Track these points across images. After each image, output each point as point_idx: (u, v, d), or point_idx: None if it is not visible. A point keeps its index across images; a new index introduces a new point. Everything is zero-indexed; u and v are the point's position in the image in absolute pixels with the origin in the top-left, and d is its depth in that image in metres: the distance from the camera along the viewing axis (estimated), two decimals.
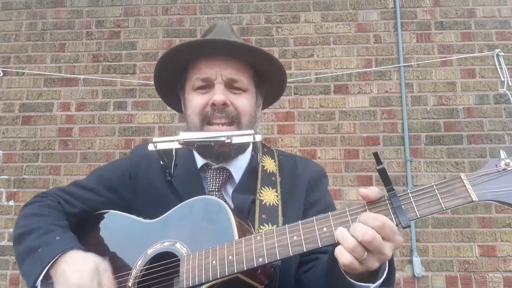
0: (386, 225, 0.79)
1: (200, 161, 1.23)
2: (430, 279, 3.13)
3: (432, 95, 3.45)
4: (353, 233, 0.79)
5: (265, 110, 1.53)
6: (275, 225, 1.09)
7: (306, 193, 1.21)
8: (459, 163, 3.31)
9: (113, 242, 1.16)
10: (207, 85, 1.17)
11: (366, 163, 3.35)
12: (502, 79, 3.38)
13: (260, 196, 1.13)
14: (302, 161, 1.31)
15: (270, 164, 1.24)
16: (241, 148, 1.20)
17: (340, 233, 0.81)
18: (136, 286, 1.03)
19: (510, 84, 3.37)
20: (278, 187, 1.17)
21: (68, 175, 3.46)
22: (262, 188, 1.15)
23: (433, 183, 0.82)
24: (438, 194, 0.80)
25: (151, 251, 1.06)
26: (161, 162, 1.20)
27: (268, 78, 1.27)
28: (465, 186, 0.79)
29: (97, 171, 1.32)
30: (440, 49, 3.53)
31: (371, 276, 0.86)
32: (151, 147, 1.13)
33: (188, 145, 1.12)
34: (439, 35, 3.55)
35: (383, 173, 0.83)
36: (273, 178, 1.19)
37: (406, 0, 3.64)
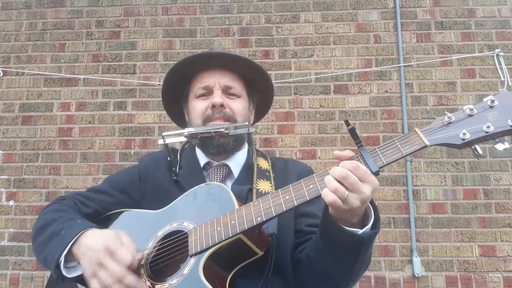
0: (359, 166, 0.93)
1: (202, 160, 1.38)
2: (430, 279, 3.13)
3: (432, 95, 3.45)
4: (332, 173, 0.94)
5: (268, 112, 1.64)
6: (268, 181, 1.29)
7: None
8: (459, 163, 3.31)
9: (125, 231, 1.21)
10: (207, 92, 1.37)
11: None
12: (502, 79, 3.38)
13: (256, 186, 1.27)
14: (292, 161, 1.48)
15: (264, 163, 1.39)
16: (238, 141, 1.36)
17: (327, 179, 0.95)
18: (148, 262, 1.12)
19: (510, 84, 3.36)
20: (272, 180, 1.32)
21: (68, 175, 3.47)
22: (258, 180, 1.29)
23: (394, 138, 0.98)
24: (399, 145, 0.97)
25: (161, 233, 1.16)
26: (168, 158, 1.37)
27: (257, 88, 1.47)
28: (419, 136, 0.96)
29: (109, 177, 1.46)
30: (440, 49, 3.53)
31: (359, 225, 1.00)
32: (160, 141, 1.33)
33: (193, 137, 1.30)
34: (439, 35, 3.55)
35: (353, 132, 0.98)
36: (267, 174, 1.34)
37: (406, 0, 3.64)
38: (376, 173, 0.95)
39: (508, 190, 3.24)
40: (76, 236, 1.08)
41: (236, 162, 1.37)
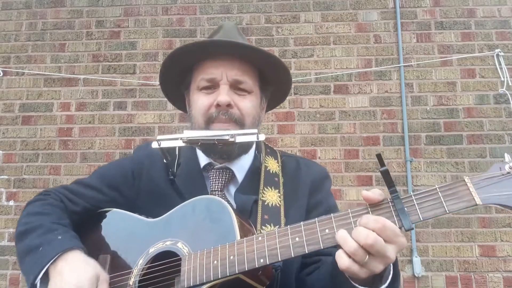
0: (387, 227, 0.78)
1: (203, 160, 1.23)
2: (430, 279, 3.13)
3: (432, 95, 3.45)
4: (355, 236, 0.78)
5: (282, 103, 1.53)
6: (277, 226, 1.09)
7: (309, 194, 1.20)
8: (459, 163, 3.31)
9: (115, 240, 1.16)
10: (212, 86, 1.17)
11: (366, 163, 3.35)
12: (502, 79, 3.38)
13: (262, 196, 1.13)
14: (305, 162, 1.30)
15: (273, 165, 1.24)
16: (245, 147, 1.20)
17: (341, 236, 0.80)
18: (137, 285, 1.04)
19: (510, 84, 3.37)
20: (281, 188, 1.17)
21: (68, 175, 3.46)
22: (265, 188, 1.15)
23: (436, 186, 0.82)
24: (441, 197, 0.80)
25: (152, 250, 1.07)
26: (164, 161, 1.20)
27: (273, 80, 1.27)
28: (469, 189, 0.78)
29: (100, 170, 1.31)
30: (440, 49, 3.53)
31: (375, 280, 0.85)
32: (155, 144, 1.14)
33: (192, 143, 1.12)
34: (439, 35, 3.55)
35: (386, 174, 0.82)
36: (276, 179, 1.19)
37: (406, 0, 3.64)
38: (408, 230, 0.81)
39: None
40: (53, 259, 1.00)
41: (241, 165, 1.21)
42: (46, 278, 1.02)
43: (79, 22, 3.78)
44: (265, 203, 1.12)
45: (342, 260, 0.78)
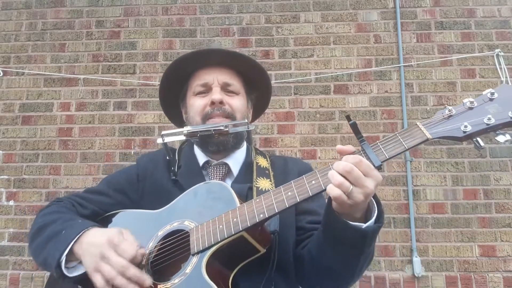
0: (362, 161, 0.93)
1: (201, 159, 1.36)
2: (430, 279, 3.13)
3: (432, 95, 3.45)
4: (336, 167, 0.94)
5: (265, 110, 1.63)
6: (268, 179, 1.28)
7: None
8: (459, 163, 3.31)
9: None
10: (206, 90, 1.35)
11: None
12: (502, 79, 3.38)
13: (256, 184, 1.25)
14: (292, 159, 1.46)
15: (263, 162, 1.38)
16: (238, 138, 1.35)
17: (330, 174, 0.95)
18: (149, 262, 1.11)
19: (510, 84, 3.37)
20: (272, 178, 1.31)
21: (68, 175, 3.46)
22: (258, 178, 1.28)
23: (396, 133, 0.98)
24: (401, 139, 0.97)
25: (161, 233, 1.15)
26: (167, 158, 1.35)
27: (256, 85, 1.45)
28: (421, 129, 0.96)
29: (107, 177, 1.43)
30: (440, 49, 3.53)
31: (362, 219, 1.01)
32: (159, 139, 1.30)
33: (192, 136, 1.28)
34: (439, 35, 3.55)
35: (354, 127, 0.98)
36: (267, 172, 1.33)
37: (406, 0, 3.64)
38: (378, 167, 0.95)
39: (508, 190, 3.24)
40: (78, 235, 1.07)
41: (236, 160, 1.36)
42: (70, 259, 1.09)
43: (79, 22, 3.78)
44: (259, 189, 1.24)
45: (333, 191, 0.92)
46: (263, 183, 1.26)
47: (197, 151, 1.38)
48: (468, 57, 3.47)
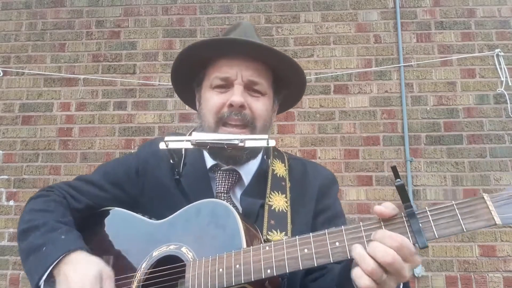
0: (404, 245, 0.75)
1: (209, 161, 1.21)
2: (430, 279, 3.13)
3: (432, 95, 3.45)
4: (372, 253, 0.75)
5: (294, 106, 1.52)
6: (284, 232, 1.07)
7: (317, 199, 1.19)
8: (459, 163, 3.31)
9: (118, 242, 1.15)
10: (226, 85, 1.14)
11: (366, 163, 3.35)
12: (502, 79, 3.38)
13: (269, 201, 1.11)
14: (312, 166, 1.28)
15: (280, 169, 1.21)
16: (253, 152, 1.16)
17: (358, 253, 0.77)
18: (140, 285, 1.03)
19: (510, 84, 3.37)
20: (288, 193, 1.15)
21: (68, 175, 3.46)
22: (272, 192, 1.13)
23: (453, 202, 0.78)
24: (458, 215, 0.76)
25: (156, 254, 1.05)
26: (171, 161, 1.18)
27: (287, 83, 1.24)
28: (488, 208, 0.75)
29: (103, 166, 1.30)
30: (440, 49, 3.53)
31: None
32: (162, 145, 1.10)
33: (201, 146, 1.09)
34: (439, 35, 3.55)
35: (401, 189, 0.79)
36: (283, 183, 1.17)
37: (406, 0, 3.64)
38: (422, 248, 0.77)
39: None
40: (57, 260, 1.00)
41: (248, 168, 1.19)
42: (50, 278, 1.01)
43: (79, 22, 3.78)
44: (272, 208, 1.09)
45: (363, 280, 0.75)
46: (277, 201, 1.12)
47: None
48: (468, 57, 3.47)
